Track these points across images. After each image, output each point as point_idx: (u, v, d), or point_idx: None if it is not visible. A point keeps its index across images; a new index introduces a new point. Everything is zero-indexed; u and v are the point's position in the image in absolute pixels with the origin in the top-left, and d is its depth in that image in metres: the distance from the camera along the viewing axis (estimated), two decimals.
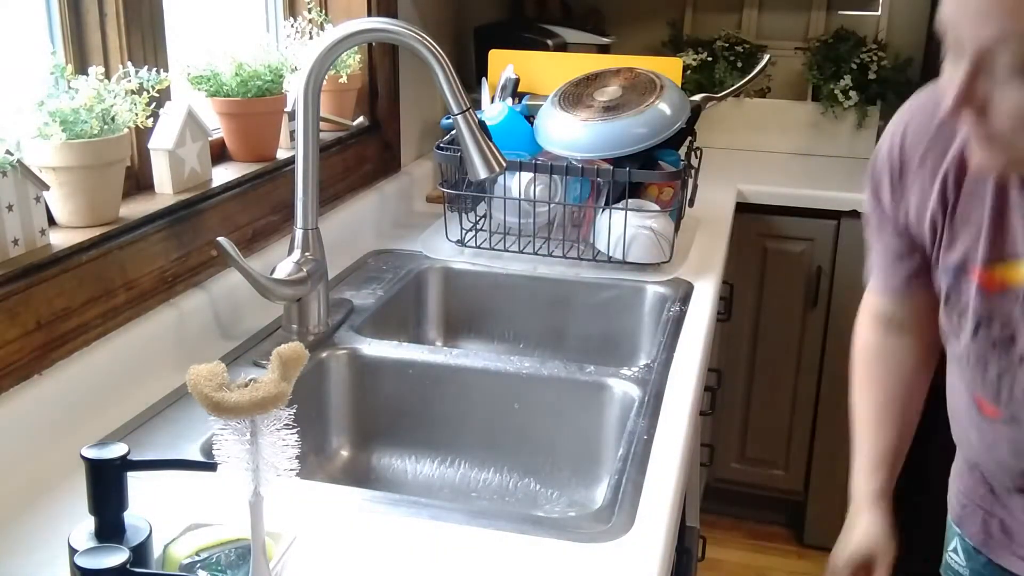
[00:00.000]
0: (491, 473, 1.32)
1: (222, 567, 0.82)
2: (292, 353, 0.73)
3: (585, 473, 1.28)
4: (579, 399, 1.27)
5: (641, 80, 1.67)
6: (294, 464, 0.74)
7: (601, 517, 0.96)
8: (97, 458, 0.78)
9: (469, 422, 1.32)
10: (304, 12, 1.70)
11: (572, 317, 1.63)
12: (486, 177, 1.29)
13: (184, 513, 0.89)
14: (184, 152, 1.32)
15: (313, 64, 1.25)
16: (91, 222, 1.16)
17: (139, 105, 1.17)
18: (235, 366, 1.26)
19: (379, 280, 1.60)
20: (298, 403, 0.74)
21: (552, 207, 1.68)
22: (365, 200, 1.83)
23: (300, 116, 1.27)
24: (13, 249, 1.05)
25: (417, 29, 1.24)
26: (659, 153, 1.67)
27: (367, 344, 1.35)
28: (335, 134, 1.78)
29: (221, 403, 0.70)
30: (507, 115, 1.68)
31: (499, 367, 1.31)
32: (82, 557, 0.69)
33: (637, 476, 1.03)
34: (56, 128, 1.09)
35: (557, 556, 0.90)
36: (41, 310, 1.05)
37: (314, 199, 1.31)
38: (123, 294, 1.18)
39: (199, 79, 1.44)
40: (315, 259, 1.31)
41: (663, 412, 1.17)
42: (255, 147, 1.52)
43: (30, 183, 1.06)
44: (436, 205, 1.95)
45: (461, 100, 1.25)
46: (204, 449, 1.05)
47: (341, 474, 1.33)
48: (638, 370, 1.28)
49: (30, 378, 1.04)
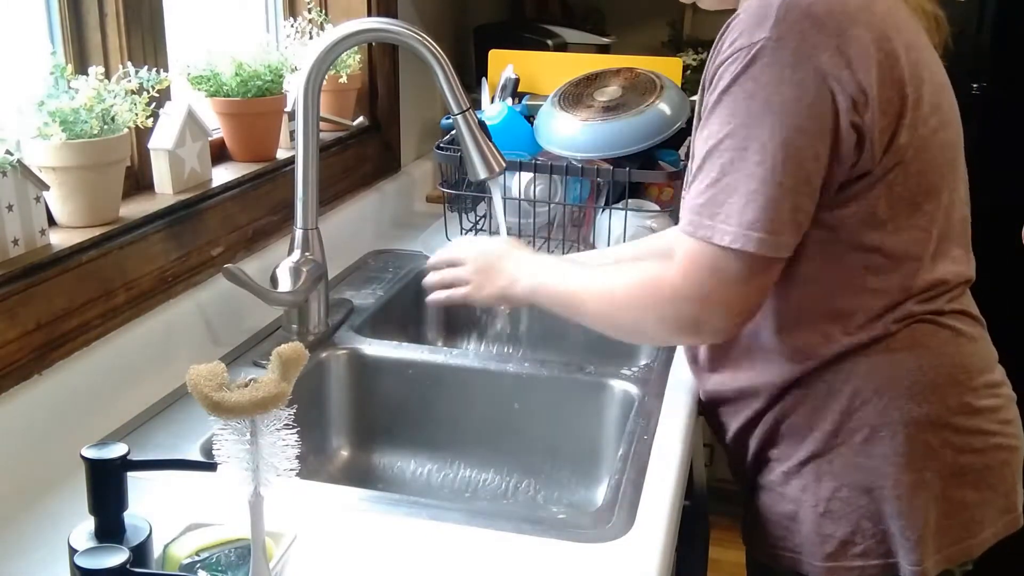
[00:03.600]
0: (491, 473, 1.32)
1: (222, 567, 0.82)
2: (292, 353, 0.73)
3: (585, 473, 1.28)
4: (579, 399, 1.27)
5: (641, 80, 1.67)
6: (294, 464, 0.74)
7: (601, 517, 0.96)
8: (97, 458, 0.78)
9: (469, 422, 1.32)
10: (304, 12, 1.70)
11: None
12: (486, 177, 1.29)
13: (184, 513, 0.89)
14: (184, 152, 1.32)
15: (313, 64, 1.25)
16: (91, 222, 1.16)
17: (139, 105, 1.17)
18: (235, 366, 1.26)
19: (379, 280, 1.60)
20: (298, 403, 0.74)
21: (552, 207, 1.68)
22: (365, 200, 1.83)
23: (300, 116, 1.27)
24: (13, 249, 1.05)
25: (417, 29, 1.24)
26: (659, 153, 1.67)
27: (367, 344, 1.35)
28: (335, 134, 1.78)
29: (221, 403, 0.70)
30: (507, 115, 1.68)
31: (499, 367, 1.31)
32: (82, 557, 0.69)
33: (637, 476, 1.03)
34: (56, 128, 1.09)
35: (557, 556, 0.90)
36: (41, 310, 1.05)
37: (314, 199, 1.31)
38: (123, 294, 1.18)
39: (199, 79, 1.44)
40: (315, 259, 1.31)
41: (663, 412, 1.17)
42: (255, 147, 1.52)
43: (30, 183, 1.06)
44: (436, 205, 1.95)
45: (461, 100, 1.25)
46: (204, 449, 1.05)
47: (341, 474, 1.33)
48: (638, 370, 1.28)
49: (30, 378, 1.04)
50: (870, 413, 1.04)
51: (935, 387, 1.04)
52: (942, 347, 1.06)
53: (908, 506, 1.04)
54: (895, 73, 0.97)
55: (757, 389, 1.10)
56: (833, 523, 1.07)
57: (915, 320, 1.04)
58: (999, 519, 1.09)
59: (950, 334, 1.06)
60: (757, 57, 0.94)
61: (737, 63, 0.96)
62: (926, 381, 1.04)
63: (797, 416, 1.08)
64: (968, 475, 1.06)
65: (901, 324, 1.04)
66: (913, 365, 1.04)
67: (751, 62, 0.95)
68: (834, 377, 1.05)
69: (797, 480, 1.09)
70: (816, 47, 0.94)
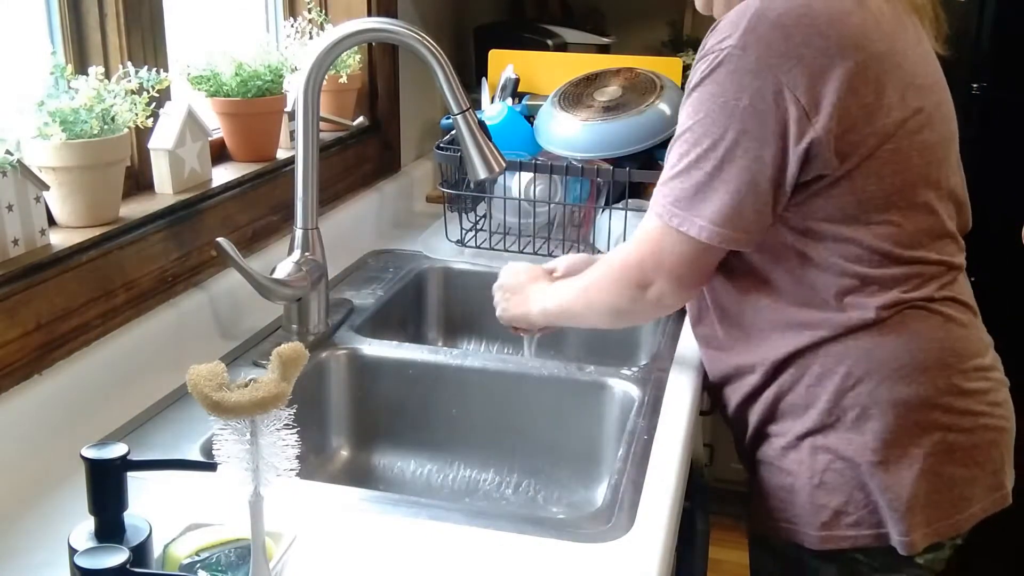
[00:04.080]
0: (491, 473, 1.32)
1: (222, 567, 0.82)
2: (292, 353, 0.73)
3: (585, 473, 1.28)
4: (579, 399, 1.27)
5: (641, 80, 1.67)
6: (294, 464, 0.74)
7: (601, 517, 0.96)
8: (97, 458, 0.79)
9: (469, 422, 1.32)
10: (304, 12, 1.70)
11: None
12: (486, 177, 1.29)
13: (184, 513, 0.89)
14: (184, 152, 1.32)
15: (313, 64, 1.25)
16: (91, 222, 1.16)
17: (139, 105, 1.17)
18: (235, 366, 1.26)
19: (379, 280, 1.60)
20: (298, 403, 0.74)
21: (552, 207, 1.68)
22: (365, 200, 1.83)
23: (300, 116, 1.27)
24: (13, 249, 1.05)
25: (417, 29, 1.24)
26: (659, 153, 1.67)
27: (367, 344, 1.35)
28: (335, 134, 1.78)
29: (221, 403, 0.70)
30: (507, 115, 1.68)
31: (499, 367, 1.31)
32: (82, 557, 0.69)
33: (637, 476, 1.03)
34: (56, 128, 1.09)
35: (557, 556, 0.90)
36: (41, 310, 1.05)
37: (314, 199, 1.31)
38: (123, 294, 1.18)
39: (199, 79, 1.44)
40: (315, 259, 1.31)
41: (663, 412, 1.17)
42: (255, 147, 1.52)
43: (30, 183, 1.06)
44: (436, 205, 1.95)
45: (461, 100, 1.25)
46: (204, 449, 1.05)
47: (341, 474, 1.33)
48: (638, 370, 1.28)
49: (30, 378, 1.04)
50: (862, 393, 1.09)
51: (924, 369, 1.09)
52: (932, 332, 1.10)
53: (894, 480, 1.09)
54: (859, 82, 1.02)
55: (753, 366, 1.16)
56: (827, 494, 1.12)
57: (906, 306, 1.09)
58: (987, 496, 1.13)
59: (940, 320, 1.10)
60: (723, 62, 1.03)
61: (706, 63, 1.05)
62: (915, 363, 1.08)
63: (794, 394, 1.13)
64: (956, 452, 1.10)
65: (891, 310, 1.08)
66: (903, 349, 1.08)
67: (718, 65, 1.03)
68: (827, 358, 1.10)
69: (794, 454, 1.14)
70: (779, 57, 1.01)
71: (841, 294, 1.08)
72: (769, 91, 1.01)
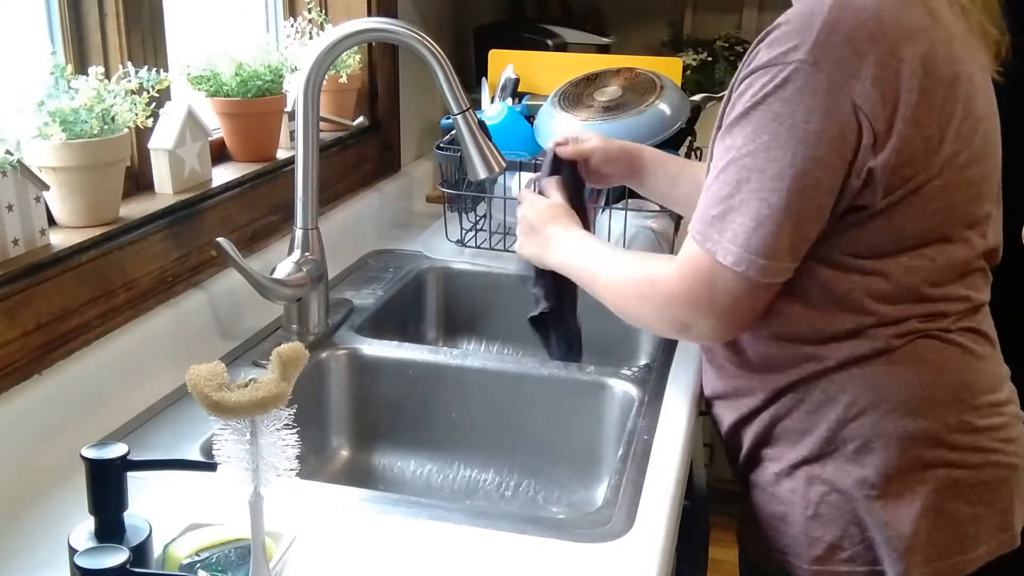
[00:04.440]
0: (491, 473, 1.32)
1: (222, 567, 0.82)
2: (292, 353, 0.73)
3: (585, 473, 1.28)
4: (579, 399, 1.27)
5: (641, 80, 1.67)
6: (294, 464, 0.74)
7: (601, 517, 0.96)
8: (97, 458, 0.79)
9: (469, 422, 1.32)
10: (304, 12, 1.70)
11: None
12: (486, 177, 1.29)
13: (184, 513, 0.89)
14: (184, 152, 1.32)
15: (313, 64, 1.25)
16: (91, 222, 1.16)
17: (139, 105, 1.17)
18: (235, 366, 1.26)
19: (379, 280, 1.60)
20: (298, 403, 0.74)
21: None
22: (365, 200, 1.83)
23: (300, 116, 1.27)
24: (13, 249, 1.05)
25: (417, 29, 1.24)
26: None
27: (367, 344, 1.35)
28: (335, 134, 1.78)
29: (221, 403, 0.70)
30: (507, 115, 1.68)
31: (499, 367, 1.31)
32: (82, 557, 0.69)
33: (637, 476, 1.03)
34: (56, 128, 1.09)
35: (557, 556, 0.90)
36: (41, 310, 1.05)
37: (314, 199, 1.31)
38: (123, 294, 1.18)
39: (199, 79, 1.44)
40: (315, 259, 1.31)
41: (663, 412, 1.17)
42: (255, 147, 1.52)
43: (30, 183, 1.06)
44: (436, 205, 1.95)
45: (461, 100, 1.25)
46: (204, 449, 1.05)
47: (341, 474, 1.33)
48: (638, 370, 1.28)
49: (30, 378, 1.04)
50: (864, 424, 1.03)
51: (933, 403, 1.03)
52: (946, 363, 1.04)
53: (893, 516, 1.03)
54: (924, 113, 0.95)
55: (752, 389, 1.10)
56: (821, 527, 1.06)
57: (920, 336, 1.02)
58: (993, 537, 1.06)
59: (958, 351, 1.04)
60: (791, 79, 0.93)
61: (769, 77, 0.94)
62: (924, 396, 1.02)
63: (792, 420, 1.07)
64: (962, 489, 1.04)
65: (904, 339, 1.02)
66: (913, 380, 1.02)
67: (784, 83, 0.93)
68: (830, 386, 1.04)
69: (788, 482, 1.08)
70: (853, 76, 0.92)
71: (857, 331, 1.02)
72: (843, 114, 0.92)
